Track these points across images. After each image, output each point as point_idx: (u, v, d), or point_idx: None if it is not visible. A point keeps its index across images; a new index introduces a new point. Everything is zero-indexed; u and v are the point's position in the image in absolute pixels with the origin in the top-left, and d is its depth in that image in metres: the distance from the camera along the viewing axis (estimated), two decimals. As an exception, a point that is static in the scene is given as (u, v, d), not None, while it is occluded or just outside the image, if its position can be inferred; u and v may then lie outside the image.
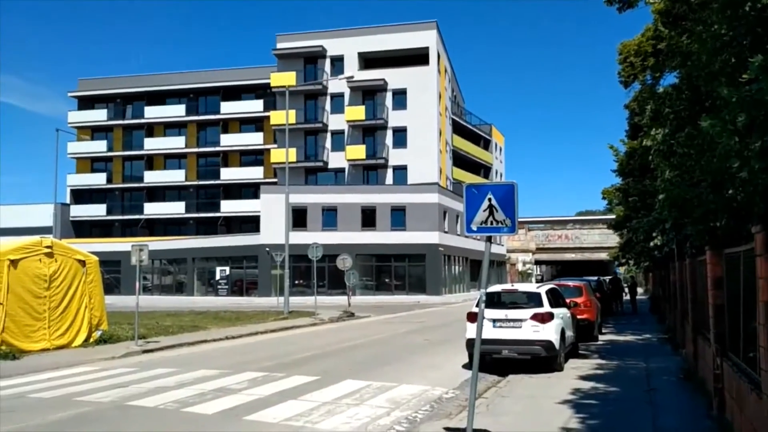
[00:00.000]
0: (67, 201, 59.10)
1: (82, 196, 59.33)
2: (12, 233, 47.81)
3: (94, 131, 59.46)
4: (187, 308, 33.04)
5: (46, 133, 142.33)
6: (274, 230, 40.28)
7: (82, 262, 16.74)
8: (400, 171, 50.15)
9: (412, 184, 46.83)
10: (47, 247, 15.75)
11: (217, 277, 47.10)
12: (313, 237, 35.50)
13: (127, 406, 9.04)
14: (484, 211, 6.83)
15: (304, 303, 33.98)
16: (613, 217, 28.47)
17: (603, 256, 65.69)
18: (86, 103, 59.84)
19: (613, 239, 52.21)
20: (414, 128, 49.69)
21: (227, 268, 46.73)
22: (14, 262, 14.75)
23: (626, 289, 36.85)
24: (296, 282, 41.42)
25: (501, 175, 71.37)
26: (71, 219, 58.29)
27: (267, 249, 41.15)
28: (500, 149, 73.24)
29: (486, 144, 67.52)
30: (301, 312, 27.91)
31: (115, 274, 47.36)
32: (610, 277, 35.79)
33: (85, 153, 59.05)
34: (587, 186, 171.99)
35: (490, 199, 6.81)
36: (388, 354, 14.93)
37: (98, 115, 58.96)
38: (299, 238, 36.74)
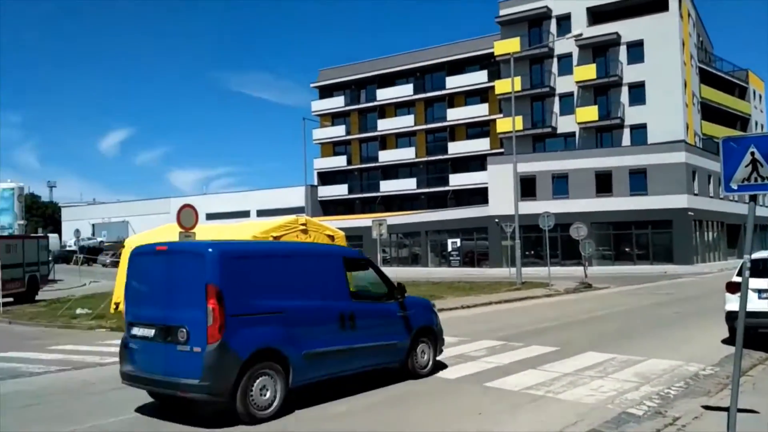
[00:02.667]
0: (315, 183, 65.64)
1: (327, 177, 65.44)
2: (271, 213, 54.78)
3: (334, 117, 64.83)
4: (423, 278, 34.59)
5: (294, 123, 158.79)
6: (502, 201, 40.12)
7: (332, 237, 18.43)
8: (639, 130, 46.27)
9: (653, 144, 42.87)
10: (302, 224, 17.62)
11: (449, 248, 48.51)
12: (543, 206, 34.63)
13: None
14: (746, 166, 5.96)
15: (536, 274, 33.40)
16: None
17: None
18: (326, 91, 65.57)
19: None
20: (653, 82, 45.40)
21: (458, 240, 47.86)
22: (276, 239, 16.78)
23: None
24: (527, 252, 40.77)
25: (761, 126, 62.24)
26: (319, 199, 64.68)
27: (496, 220, 41.21)
28: (760, 97, 63.84)
29: (742, 92, 59.29)
30: (534, 283, 27.48)
31: (358, 247, 51.41)
32: None
33: (328, 138, 64.87)
34: None
35: (753, 153, 5.92)
36: (632, 326, 14.04)
37: (336, 102, 64.24)
38: (528, 207, 36.09)
